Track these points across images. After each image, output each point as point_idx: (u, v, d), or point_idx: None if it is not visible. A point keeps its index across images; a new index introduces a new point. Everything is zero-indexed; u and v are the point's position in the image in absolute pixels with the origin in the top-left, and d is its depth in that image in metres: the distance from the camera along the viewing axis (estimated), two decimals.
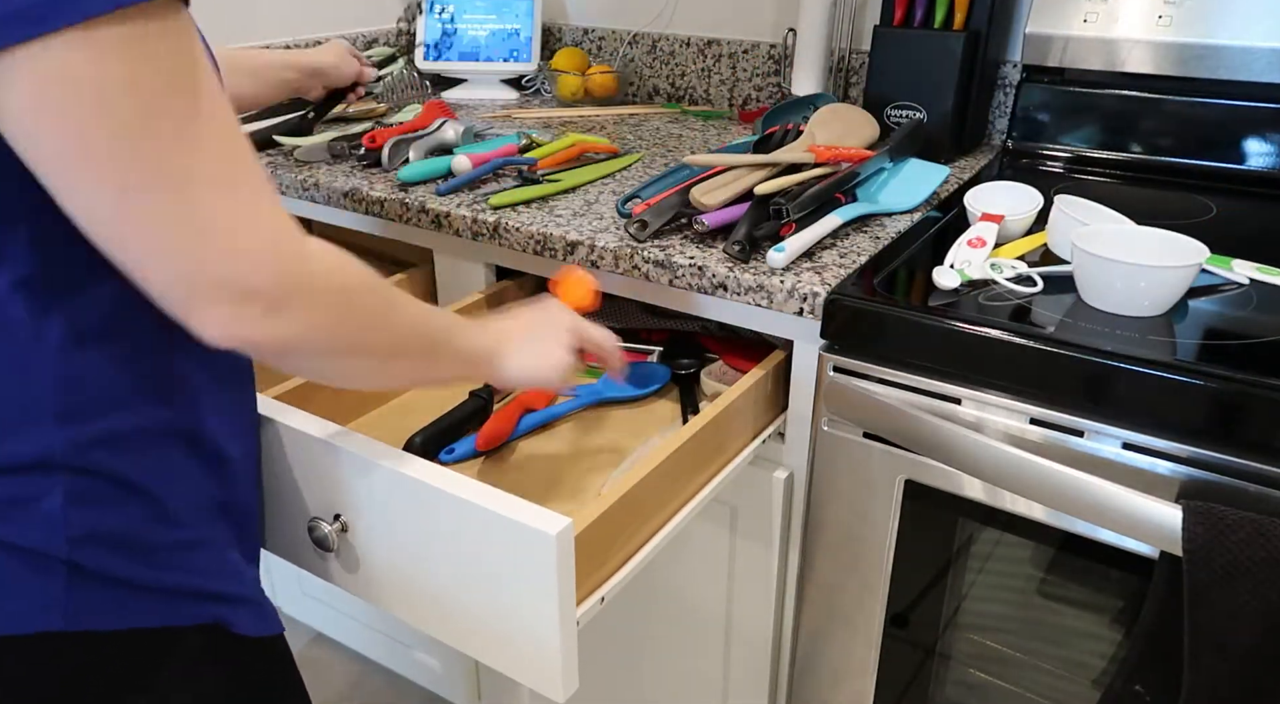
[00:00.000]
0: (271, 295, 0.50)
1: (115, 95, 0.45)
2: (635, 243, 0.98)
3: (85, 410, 0.54)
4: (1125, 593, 0.86)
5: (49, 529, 0.53)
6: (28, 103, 0.44)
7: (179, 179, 0.47)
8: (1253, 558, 0.69)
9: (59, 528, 0.53)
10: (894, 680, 1.01)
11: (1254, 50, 1.13)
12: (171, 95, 0.47)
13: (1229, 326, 0.81)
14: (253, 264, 0.49)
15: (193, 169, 0.47)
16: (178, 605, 0.58)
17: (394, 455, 0.70)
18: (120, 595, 0.56)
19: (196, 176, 0.47)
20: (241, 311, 0.50)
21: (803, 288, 0.89)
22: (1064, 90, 1.27)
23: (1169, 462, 0.75)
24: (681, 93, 1.68)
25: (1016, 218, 0.98)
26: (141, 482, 0.56)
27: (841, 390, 0.90)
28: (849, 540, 0.96)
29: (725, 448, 0.91)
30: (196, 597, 0.59)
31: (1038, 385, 0.80)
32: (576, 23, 1.76)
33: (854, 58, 1.45)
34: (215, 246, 0.48)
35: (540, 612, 0.66)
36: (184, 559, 0.59)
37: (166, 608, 0.58)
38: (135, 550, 0.56)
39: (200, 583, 0.60)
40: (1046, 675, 0.93)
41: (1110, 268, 0.81)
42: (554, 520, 0.63)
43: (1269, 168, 1.17)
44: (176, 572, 0.58)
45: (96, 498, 0.55)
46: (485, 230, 1.07)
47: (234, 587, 0.62)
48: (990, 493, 0.86)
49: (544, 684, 0.69)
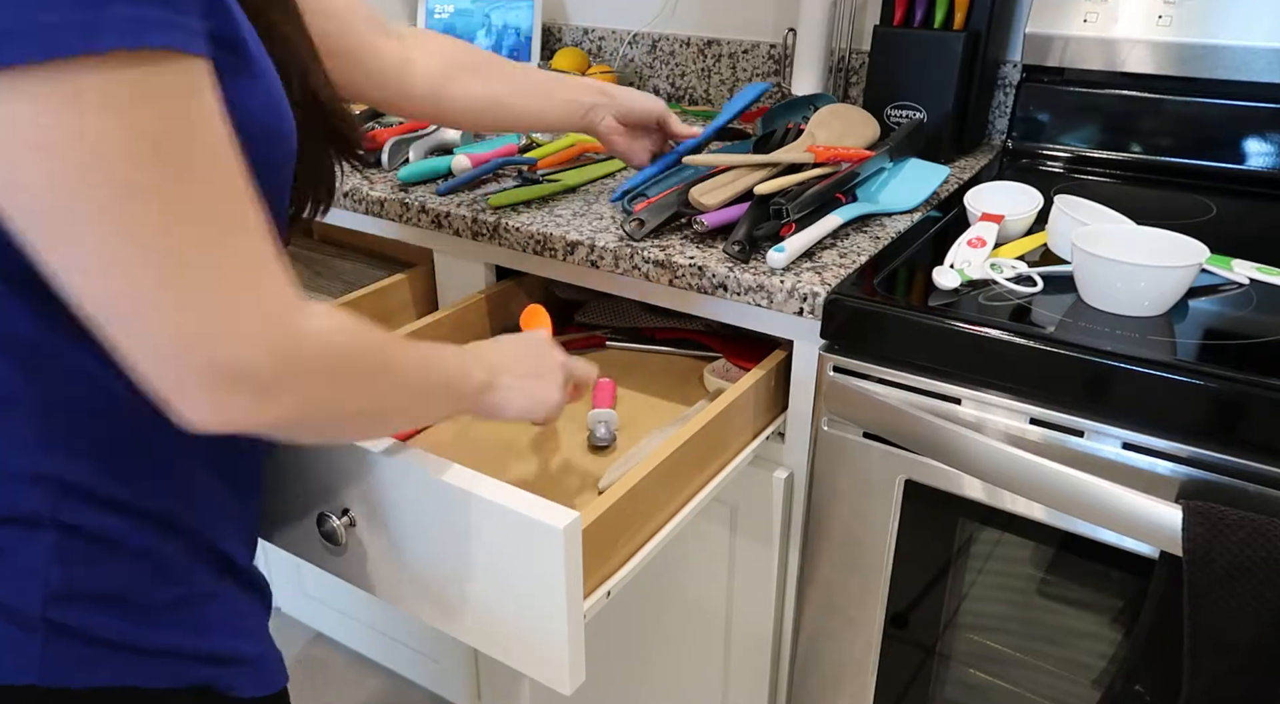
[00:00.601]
0: (261, 381, 0.46)
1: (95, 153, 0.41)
2: (634, 242, 0.98)
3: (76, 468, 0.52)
4: (1125, 593, 0.86)
5: (29, 585, 0.51)
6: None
7: (160, 254, 0.43)
8: (1253, 558, 0.69)
9: (39, 585, 0.51)
10: (894, 680, 1.01)
11: (1254, 50, 1.13)
12: (159, 161, 0.42)
13: (1229, 326, 0.81)
14: (241, 348, 0.45)
15: (177, 243, 0.43)
16: (168, 666, 0.56)
17: (401, 450, 0.70)
18: (104, 654, 0.53)
19: (181, 251, 0.43)
20: (229, 398, 0.46)
21: (803, 288, 0.89)
22: (1064, 90, 1.27)
23: (1169, 462, 0.76)
24: (681, 93, 1.68)
25: (1016, 218, 0.98)
26: (134, 542, 0.54)
27: (841, 390, 0.90)
28: (849, 540, 0.96)
29: (725, 447, 0.91)
30: (189, 658, 0.57)
31: (1038, 385, 0.80)
32: (576, 23, 1.76)
33: (854, 58, 1.45)
34: (199, 330, 0.44)
35: (548, 605, 0.67)
36: (178, 617, 0.56)
37: (154, 669, 0.55)
38: (124, 609, 0.54)
39: (194, 644, 0.57)
40: (1046, 675, 0.93)
41: (1110, 268, 0.81)
42: (562, 514, 0.64)
43: (1269, 168, 1.18)
44: (169, 630, 0.56)
45: (86, 556, 0.52)
46: (485, 230, 1.07)
47: (233, 644, 0.60)
48: (990, 493, 0.86)
49: (551, 677, 0.70)
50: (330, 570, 0.80)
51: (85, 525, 0.53)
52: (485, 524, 0.67)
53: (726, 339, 1.10)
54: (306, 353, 0.49)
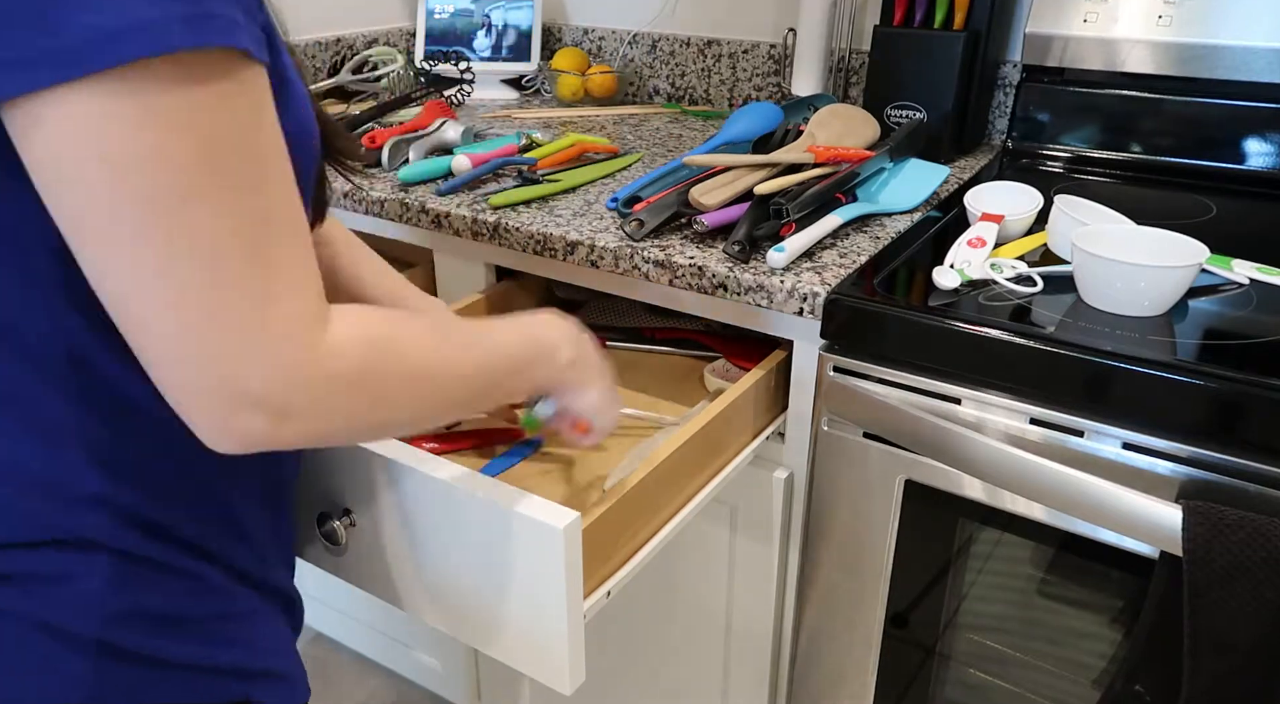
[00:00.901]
0: (274, 404, 0.45)
1: (138, 162, 0.40)
2: (634, 242, 0.98)
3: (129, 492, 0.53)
4: (1125, 593, 0.86)
5: (84, 608, 0.51)
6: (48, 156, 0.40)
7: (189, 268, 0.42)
8: (1253, 558, 0.69)
9: (95, 607, 0.51)
10: (894, 680, 1.01)
11: (1254, 50, 1.13)
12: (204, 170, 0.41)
13: (1229, 326, 0.81)
14: (254, 371, 0.44)
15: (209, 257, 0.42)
16: (207, 683, 0.56)
17: (403, 450, 0.70)
18: (149, 674, 0.53)
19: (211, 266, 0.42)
20: (244, 419, 0.45)
21: (803, 288, 0.89)
22: (1064, 90, 1.27)
23: (1169, 462, 0.76)
24: (681, 93, 1.68)
25: (1016, 218, 0.98)
26: (182, 563, 0.55)
27: (841, 390, 0.90)
28: (849, 540, 0.96)
29: (726, 447, 0.91)
30: (228, 674, 0.57)
31: (1038, 385, 0.80)
32: (576, 23, 1.76)
33: (854, 58, 1.45)
34: (215, 351, 0.43)
35: (548, 605, 0.67)
36: (221, 635, 0.57)
37: (195, 685, 0.55)
38: (171, 628, 0.54)
39: (236, 660, 0.58)
40: (1046, 675, 0.93)
41: (1110, 268, 0.81)
42: (562, 514, 0.64)
43: (1269, 168, 1.17)
44: (212, 648, 0.56)
45: (138, 578, 0.53)
46: (485, 230, 1.08)
47: (271, 660, 0.60)
48: (990, 493, 0.86)
49: (551, 677, 0.70)
50: (330, 570, 0.80)
51: (138, 548, 0.53)
52: (485, 524, 0.67)
53: (726, 339, 1.10)
54: (325, 373, 0.47)
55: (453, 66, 1.58)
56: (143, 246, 0.42)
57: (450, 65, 1.59)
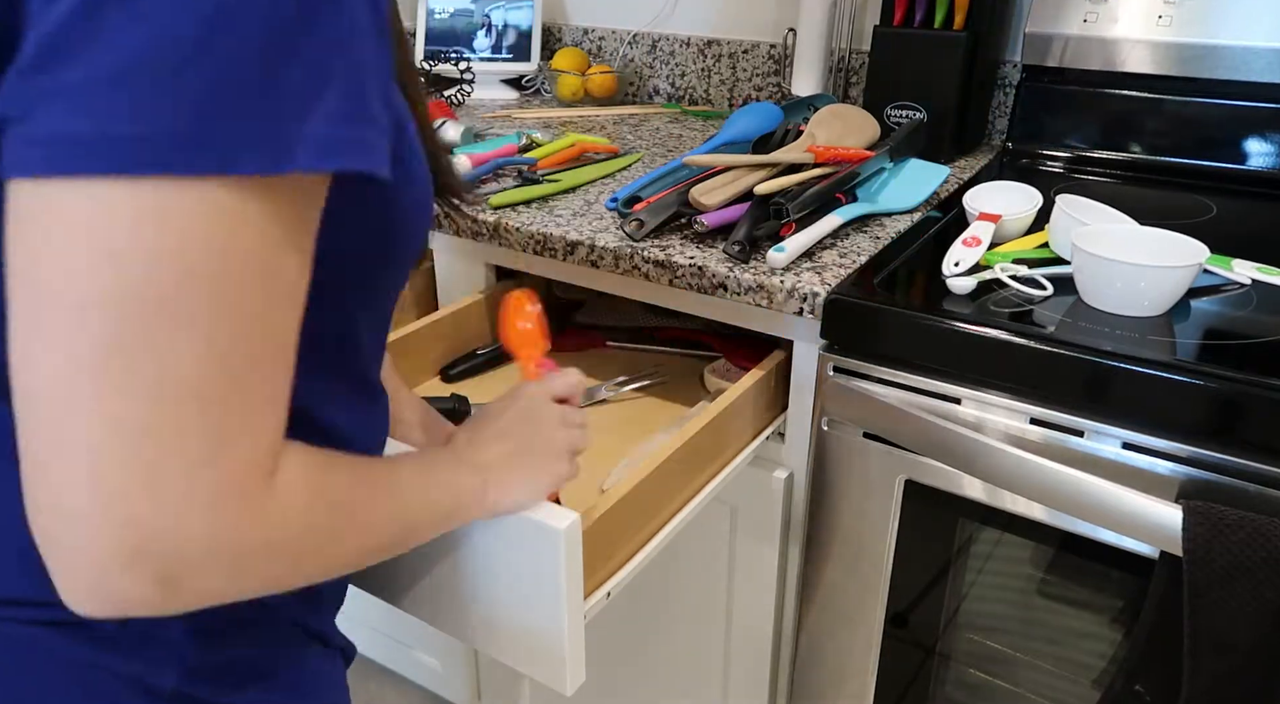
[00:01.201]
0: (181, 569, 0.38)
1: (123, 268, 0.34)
2: (634, 242, 0.98)
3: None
4: (1125, 593, 0.86)
5: (168, 662, 0.51)
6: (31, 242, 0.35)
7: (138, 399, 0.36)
8: (1253, 558, 0.69)
9: (177, 660, 0.51)
10: (894, 680, 1.01)
11: (1254, 50, 1.13)
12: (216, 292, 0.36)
13: (1229, 326, 0.81)
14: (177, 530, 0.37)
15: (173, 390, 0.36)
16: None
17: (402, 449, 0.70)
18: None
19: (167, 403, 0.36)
20: (132, 584, 0.37)
21: (803, 288, 0.89)
22: (1064, 90, 1.27)
23: (1169, 462, 0.76)
24: (681, 93, 1.68)
25: (1014, 217, 0.98)
26: (253, 614, 0.54)
27: (841, 390, 0.90)
28: (849, 540, 0.96)
29: (726, 447, 0.91)
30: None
31: (1038, 385, 0.80)
32: (576, 23, 1.76)
33: (854, 58, 1.45)
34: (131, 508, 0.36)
35: (548, 606, 0.67)
36: (289, 680, 0.57)
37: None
38: (244, 678, 0.54)
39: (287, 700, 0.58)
40: (1046, 675, 0.93)
41: (1110, 268, 0.81)
42: (562, 515, 0.64)
43: (1269, 168, 1.18)
44: (280, 694, 0.57)
45: (217, 632, 0.52)
46: (485, 230, 1.07)
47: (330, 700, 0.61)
48: (990, 493, 0.86)
49: (551, 678, 0.70)
50: None
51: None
52: (485, 525, 0.67)
53: (726, 339, 1.10)
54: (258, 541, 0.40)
55: (453, 66, 1.58)
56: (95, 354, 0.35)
57: (450, 65, 1.59)
